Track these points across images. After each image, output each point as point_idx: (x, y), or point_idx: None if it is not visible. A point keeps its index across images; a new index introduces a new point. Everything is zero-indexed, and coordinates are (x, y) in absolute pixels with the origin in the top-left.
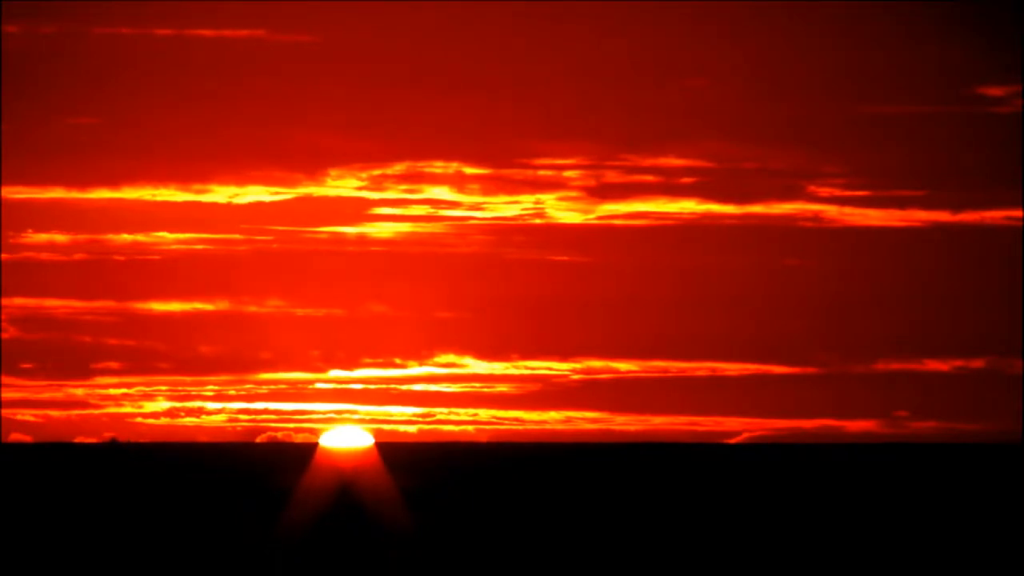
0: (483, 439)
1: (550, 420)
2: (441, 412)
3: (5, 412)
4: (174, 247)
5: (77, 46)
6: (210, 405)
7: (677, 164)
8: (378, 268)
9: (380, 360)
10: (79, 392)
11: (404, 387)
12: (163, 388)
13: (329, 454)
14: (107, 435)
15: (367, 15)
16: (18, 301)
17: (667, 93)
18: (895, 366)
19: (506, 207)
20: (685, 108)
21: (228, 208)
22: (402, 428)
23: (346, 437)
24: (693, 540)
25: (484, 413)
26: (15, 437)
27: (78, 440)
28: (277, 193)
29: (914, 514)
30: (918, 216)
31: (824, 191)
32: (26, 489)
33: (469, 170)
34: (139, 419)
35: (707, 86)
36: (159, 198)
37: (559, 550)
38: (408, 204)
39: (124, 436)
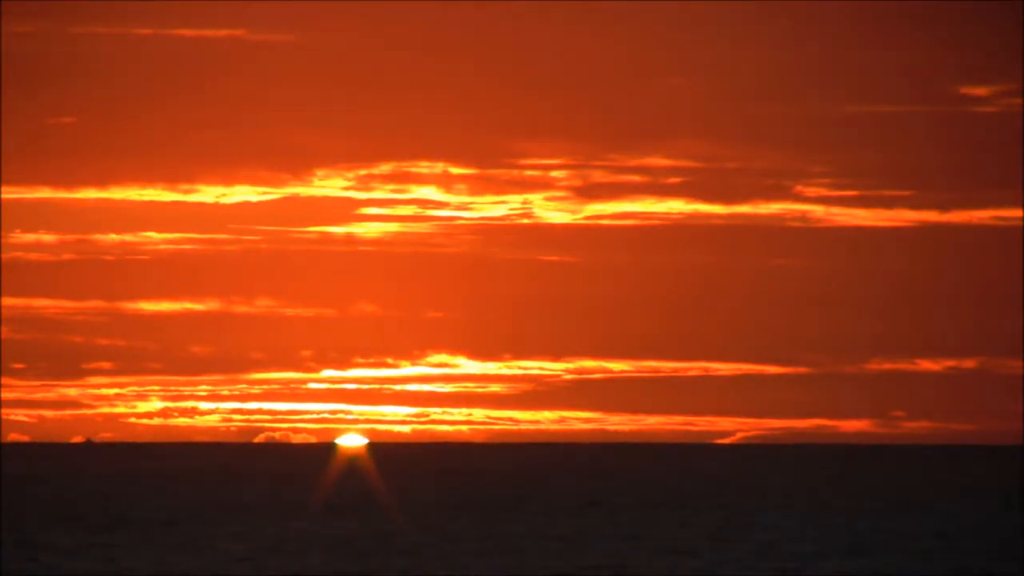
0: (479, 439)
1: (544, 420)
2: (435, 412)
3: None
4: (162, 247)
5: (54, 45)
6: (203, 405)
7: (664, 164)
8: (367, 268)
9: (372, 360)
10: (72, 392)
11: (397, 387)
12: (156, 388)
13: (335, 455)
14: (102, 435)
15: (349, 15)
16: (8, 301)
17: (654, 93)
18: (887, 366)
19: (493, 207)
20: (672, 108)
21: (216, 208)
22: (396, 428)
23: (347, 441)
24: (689, 540)
25: (478, 413)
26: (14, 437)
27: (75, 440)
28: (265, 193)
29: (910, 513)
30: (906, 216)
31: (811, 191)
32: (22, 488)
33: (455, 170)
34: (132, 419)
35: (694, 86)
36: (146, 198)
37: (556, 549)
38: (395, 204)
39: (122, 436)
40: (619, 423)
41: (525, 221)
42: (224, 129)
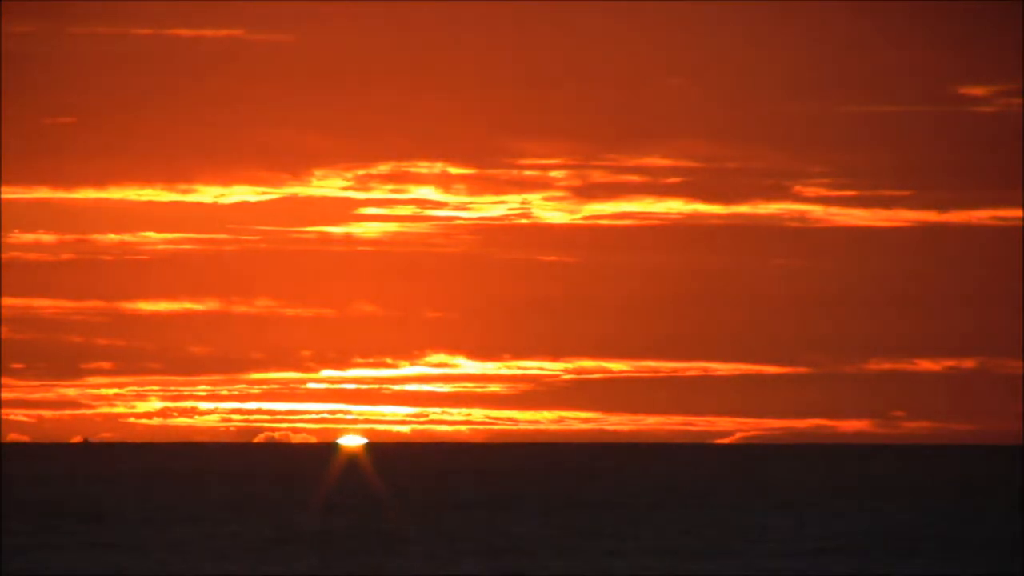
0: (478, 439)
1: (543, 420)
2: (434, 412)
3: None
4: (161, 247)
5: (54, 45)
6: (203, 405)
7: (663, 164)
8: (366, 268)
9: (371, 360)
10: (71, 392)
11: (396, 387)
12: (155, 388)
13: (334, 455)
14: (101, 435)
15: (348, 15)
16: (7, 301)
17: (653, 93)
18: (887, 366)
19: (492, 207)
20: (671, 108)
21: (214, 208)
22: (395, 428)
23: (347, 441)
24: (688, 540)
25: (477, 413)
26: (13, 437)
27: (74, 440)
28: (263, 193)
29: (909, 513)
30: (905, 216)
31: (810, 191)
32: (22, 488)
33: (454, 170)
34: (131, 419)
35: (692, 86)
36: (144, 198)
37: (555, 549)
38: (394, 204)
39: (121, 436)
40: (618, 423)
41: (524, 221)
42: (223, 129)
